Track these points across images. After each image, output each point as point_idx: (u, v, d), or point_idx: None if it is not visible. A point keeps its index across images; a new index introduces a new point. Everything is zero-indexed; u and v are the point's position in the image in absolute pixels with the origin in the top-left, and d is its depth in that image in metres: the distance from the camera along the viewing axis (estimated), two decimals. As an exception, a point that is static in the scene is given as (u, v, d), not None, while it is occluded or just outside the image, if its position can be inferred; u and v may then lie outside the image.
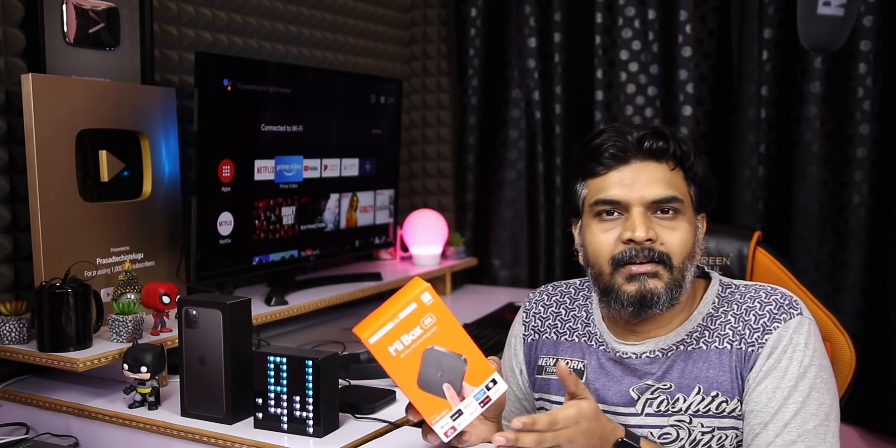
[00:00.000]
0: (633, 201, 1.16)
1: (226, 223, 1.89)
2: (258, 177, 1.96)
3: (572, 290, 1.36)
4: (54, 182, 1.59)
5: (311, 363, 1.28)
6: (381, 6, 2.72)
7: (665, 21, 2.42)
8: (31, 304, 1.57)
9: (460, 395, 1.07)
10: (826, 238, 2.29)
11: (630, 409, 1.20)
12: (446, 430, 1.06)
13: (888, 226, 2.19)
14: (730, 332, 1.18)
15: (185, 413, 1.41)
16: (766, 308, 1.18)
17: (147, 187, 1.81)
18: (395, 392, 1.51)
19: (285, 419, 1.32)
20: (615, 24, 2.48)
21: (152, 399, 1.46)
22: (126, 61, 1.83)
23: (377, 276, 2.30)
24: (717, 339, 1.19)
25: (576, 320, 1.31)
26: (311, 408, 1.29)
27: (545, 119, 2.65)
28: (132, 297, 1.62)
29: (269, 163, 1.99)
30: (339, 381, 1.42)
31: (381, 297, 1.77)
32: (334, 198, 2.24)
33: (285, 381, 1.30)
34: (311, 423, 1.30)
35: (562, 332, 1.32)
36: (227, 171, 1.87)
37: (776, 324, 1.16)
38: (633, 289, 1.16)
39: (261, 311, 1.87)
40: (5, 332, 1.52)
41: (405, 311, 1.06)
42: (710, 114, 2.41)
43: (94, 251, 1.68)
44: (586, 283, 1.34)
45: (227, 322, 1.35)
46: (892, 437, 2.25)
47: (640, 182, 1.16)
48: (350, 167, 2.28)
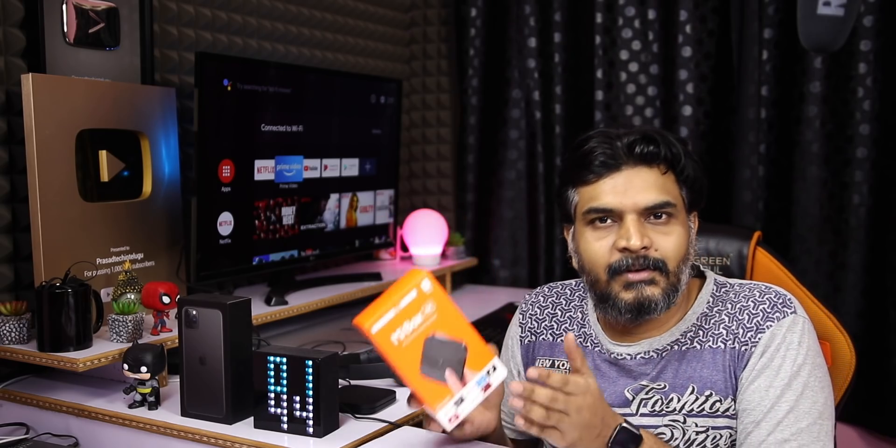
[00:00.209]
0: (626, 209, 1.15)
1: (226, 223, 1.89)
2: (258, 177, 1.96)
3: (568, 291, 1.36)
4: (54, 182, 1.59)
5: (311, 363, 1.28)
6: (381, 6, 2.72)
7: (665, 21, 2.42)
8: (31, 304, 1.57)
9: (462, 381, 1.06)
10: (826, 238, 2.29)
11: (625, 409, 1.20)
12: (450, 416, 1.05)
13: (888, 226, 2.19)
14: (724, 332, 1.18)
15: (185, 413, 1.41)
16: (760, 307, 1.18)
17: (147, 187, 1.81)
18: (395, 392, 1.51)
19: (285, 419, 1.32)
20: (615, 24, 2.48)
21: (152, 399, 1.46)
22: (126, 61, 1.83)
23: (377, 276, 2.30)
24: (711, 338, 1.19)
25: (571, 321, 1.31)
26: (311, 408, 1.29)
27: (545, 119, 2.65)
28: (132, 297, 1.62)
29: (269, 163, 1.99)
30: (339, 381, 1.42)
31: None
32: (334, 198, 2.24)
33: (285, 381, 1.30)
34: (311, 423, 1.30)
35: (558, 333, 1.32)
36: (227, 171, 1.87)
37: (769, 323, 1.16)
38: (631, 297, 1.16)
39: (261, 311, 1.87)
40: (5, 332, 1.52)
41: (406, 299, 1.04)
42: (710, 114, 2.40)
43: (94, 251, 1.68)
44: (581, 284, 1.33)
45: (227, 322, 1.35)
46: (892, 437, 2.25)
47: (633, 189, 1.15)
48: (350, 167, 2.28)
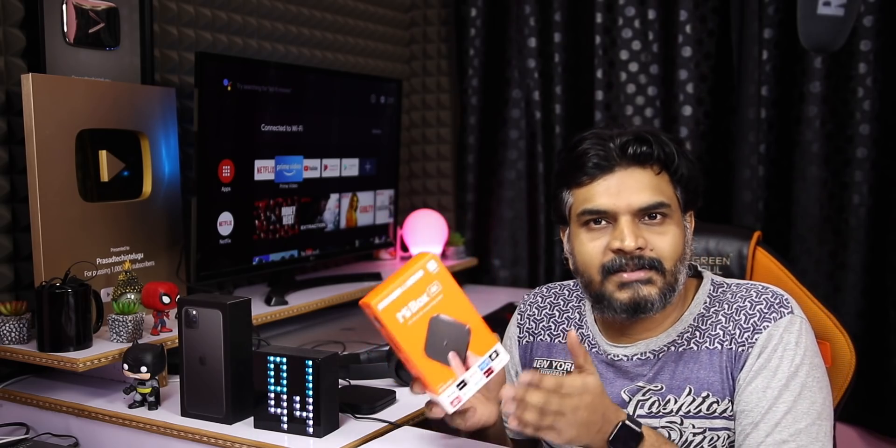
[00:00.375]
0: (620, 210, 1.15)
1: (226, 223, 1.89)
2: (258, 177, 1.96)
3: (566, 291, 1.36)
4: (54, 182, 1.59)
5: (311, 363, 1.28)
6: (381, 6, 2.72)
7: (665, 21, 2.42)
8: (31, 304, 1.57)
9: (465, 364, 1.07)
10: (826, 238, 2.29)
11: None
12: (452, 399, 1.06)
13: (888, 226, 2.19)
14: (720, 333, 1.18)
15: (185, 413, 1.41)
16: (757, 307, 1.17)
17: (147, 187, 1.81)
18: (394, 392, 1.51)
19: (285, 419, 1.32)
20: (615, 24, 2.48)
21: (152, 399, 1.46)
22: (126, 61, 1.83)
23: (377, 276, 2.30)
24: (708, 339, 1.18)
25: (569, 322, 1.31)
26: (311, 408, 1.29)
27: (545, 119, 2.65)
28: (132, 297, 1.62)
29: (269, 163, 1.99)
30: (339, 381, 1.42)
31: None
32: (334, 198, 2.24)
33: (285, 381, 1.30)
34: (311, 423, 1.30)
35: (555, 334, 1.32)
36: (227, 171, 1.87)
37: (766, 323, 1.15)
38: (626, 296, 1.15)
39: (261, 311, 1.87)
40: (5, 332, 1.52)
41: (412, 278, 1.05)
42: (710, 114, 2.40)
43: (94, 251, 1.68)
44: (579, 285, 1.34)
45: (227, 322, 1.35)
46: (892, 437, 2.25)
47: (626, 190, 1.15)
48: (350, 167, 2.28)
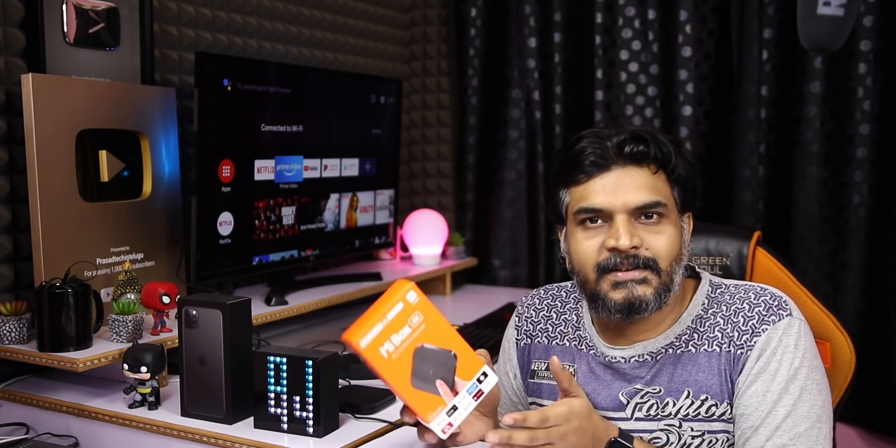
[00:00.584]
0: (615, 209, 1.15)
1: (226, 223, 1.89)
2: (258, 177, 1.96)
3: (563, 293, 1.35)
4: (54, 182, 1.59)
5: (311, 363, 1.28)
6: (381, 6, 2.72)
7: (665, 21, 2.42)
8: (31, 304, 1.58)
9: (453, 390, 1.06)
10: (826, 238, 2.29)
11: (620, 413, 1.19)
12: (443, 426, 1.06)
13: (888, 226, 2.19)
14: (719, 335, 1.17)
15: (185, 413, 1.41)
16: (755, 309, 1.16)
17: (147, 187, 1.81)
18: (395, 392, 1.51)
19: (285, 419, 1.32)
20: (615, 24, 2.48)
21: (152, 399, 1.46)
22: (126, 61, 1.83)
23: (377, 276, 2.30)
24: (706, 341, 1.17)
25: (566, 324, 1.31)
26: (311, 408, 1.29)
27: (545, 119, 2.65)
28: (132, 297, 1.62)
29: (269, 163, 1.99)
30: (339, 381, 1.42)
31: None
32: (334, 198, 2.24)
33: (285, 381, 1.30)
34: (311, 423, 1.30)
35: (553, 336, 1.31)
36: (227, 171, 1.87)
37: (765, 326, 1.14)
38: (621, 296, 1.15)
39: (261, 311, 1.87)
40: (5, 332, 1.52)
41: (392, 311, 1.04)
42: (710, 114, 2.41)
43: (94, 251, 1.68)
44: (576, 286, 1.33)
45: (227, 322, 1.35)
46: (892, 438, 2.25)
47: (623, 189, 1.15)
48: (350, 167, 2.28)
